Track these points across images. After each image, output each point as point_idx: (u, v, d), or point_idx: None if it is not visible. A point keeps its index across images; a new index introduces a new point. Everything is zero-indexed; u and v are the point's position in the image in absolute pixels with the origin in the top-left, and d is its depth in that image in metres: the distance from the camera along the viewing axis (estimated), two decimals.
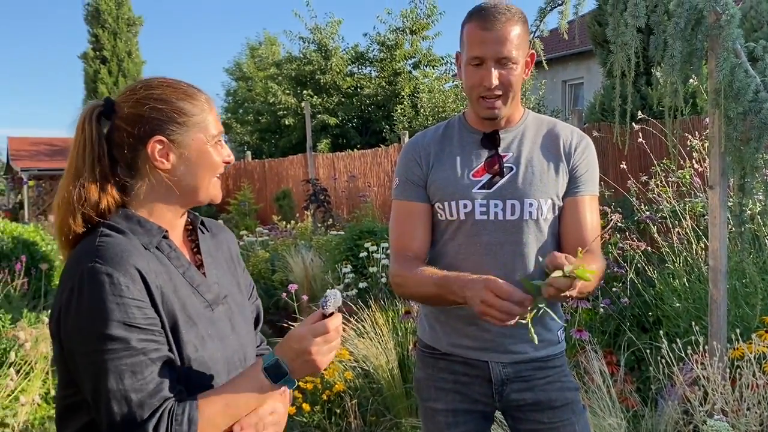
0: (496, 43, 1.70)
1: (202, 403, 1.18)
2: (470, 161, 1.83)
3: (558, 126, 1.88)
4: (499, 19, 1.70)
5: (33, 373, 3.97)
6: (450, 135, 1.89)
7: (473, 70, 1.74)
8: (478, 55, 1.72)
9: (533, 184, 1.78)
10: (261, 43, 24.61)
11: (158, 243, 1.28)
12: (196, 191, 1.33)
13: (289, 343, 1.22)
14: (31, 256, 6.62)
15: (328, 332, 1.21)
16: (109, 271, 1.15)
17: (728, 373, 2.61)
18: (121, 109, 1.29)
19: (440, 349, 1.87)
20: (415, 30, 16.88)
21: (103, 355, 1.13)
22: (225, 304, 1.36)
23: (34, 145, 22.98)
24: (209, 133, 1.32)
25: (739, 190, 2.82)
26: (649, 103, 6.80)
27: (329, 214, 9.64)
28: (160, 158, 1.28)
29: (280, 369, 1.21)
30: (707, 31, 2.73)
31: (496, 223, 1.77)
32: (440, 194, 1.82)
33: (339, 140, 16.90)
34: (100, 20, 19.93)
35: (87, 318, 1.13)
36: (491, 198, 1.78)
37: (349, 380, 3.80)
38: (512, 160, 1.81)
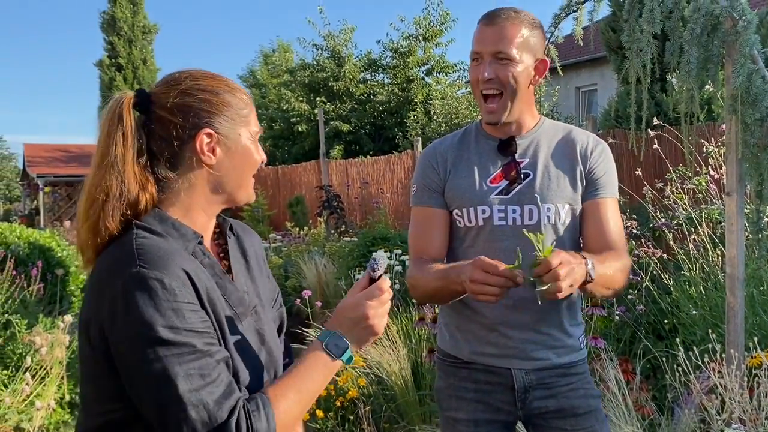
0: (494, 38, 1.73)
1: (273, 395, 1.13)
2: (487, 168, 1.83)
3: (574, 131, 1.89)
4: (500, 17, 1.74)
5: (48, 378, 4.00)
6: (467, 142, 1.90)
7: (474, 67, 1.78)
8: (476, 50, 1.76)
9: (550, 188, 1.79)
10: (274, 51, 24.76)
11: (194, 249, 1.20)
12: (237, 189, 1.26)
13: (344, 314, 1.20)
14: (47, 262, 6.66)
15: (382, 293, 1.20)
16: (159, 276, 1.08)
17: (746, 382, 2.59)
18: (162, 100, 1.20)
19: (462, 357, 1.85)
20: (428, 37, 16.92)
21: (168, 361, 1.06)
22: (254, 315, 1.29)
23: (49, 152, 23.21)
24: (253, 129, 1.27)
25: (756, 196, 2.79)
26: (664, 109, 6.78)
27: (342, 221, 9.66)
28: (207, 153, 1.20)
29: (340, 342, 1.18)
30: (724, 37, 2.72)
31: (515, 228, 1.77)
32: (458, 201, 1.83)
33: (352, 147, 16.94)
34: (115, 28, 20.13)
35: (144, 327, 1.05)
36: (509, 204, 1.79)
37: (363, 387, 3.79)
38: (529, 165, 1.82)
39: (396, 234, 6.76)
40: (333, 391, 3.74)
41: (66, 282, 6.84)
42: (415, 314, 4.20)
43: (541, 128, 1.87)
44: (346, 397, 3.70)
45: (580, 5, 3.02)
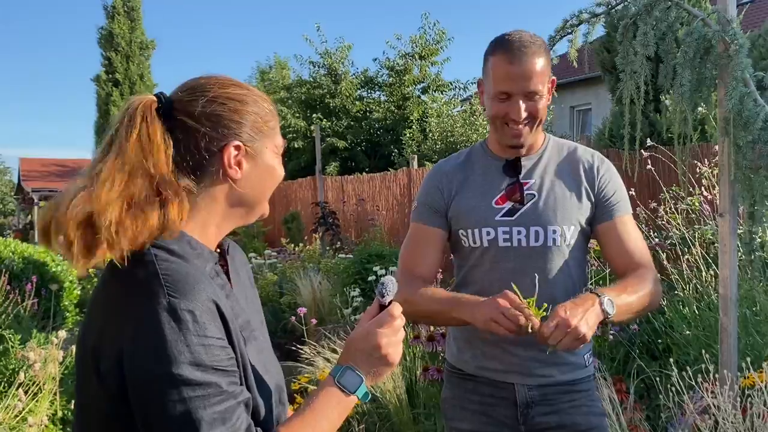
0: (524, 78, 1.70)
1: None
2: (492, 189, 1.84)
3: (578, 150, 1.90)
4: (525, 53, 1.70)
5: (41, 394, 3.97)
6: (472, 162, 1.91)
7: (500, 104, 1.75)
8: (505, 90, 1.73)
9: (556, 210, 1.80)
10: (271, 67, 24.83)
11: (211, 270, 1.12)
12: (256, 205, 1.19)
13: (355, 345, 1.13)
14: (41, 277, 6.64)
15: (394, 320, 1.13)
16: (191, 308, 0.99)
17: (739, 402, 2.59)
18: (187, 107, 1.11)
19: (467, 370, 1.88)
20: (424, 55, 17.04)
21: (192, 404, 0.97)
22: (258, 338, 1.22)
23: (45, 166, 23.20)
24: (278, 142, 1.19)
25: (749, 217, 2.82)
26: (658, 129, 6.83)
27: (338, 237, 9.66)
28: (234, 166, 1.12)
29: (353, 377, 1.11)
30: (716, 60, 2.75)
31: (520, 249, 1.79)
32: (463, 221, 1.85)
33: (348, 163, 16.99)
34: (113, 44, 20.19)
35: (172, 364, 0.97)
36: (514, 225, 1.80)
37: (357, 405, 3.78)
38: (534, 187, 1.83)
39: (391, 251, 6.77)
40: None
41: (60, 297, 6.82)
42: (410, 332, 4.20)
43: (546, 148, 1.88)
44: None
45: (575, 28, 3.06)
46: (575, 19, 3.07)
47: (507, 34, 1.76)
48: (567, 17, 3.07)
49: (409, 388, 3.87)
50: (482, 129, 12.73)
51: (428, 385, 3.62)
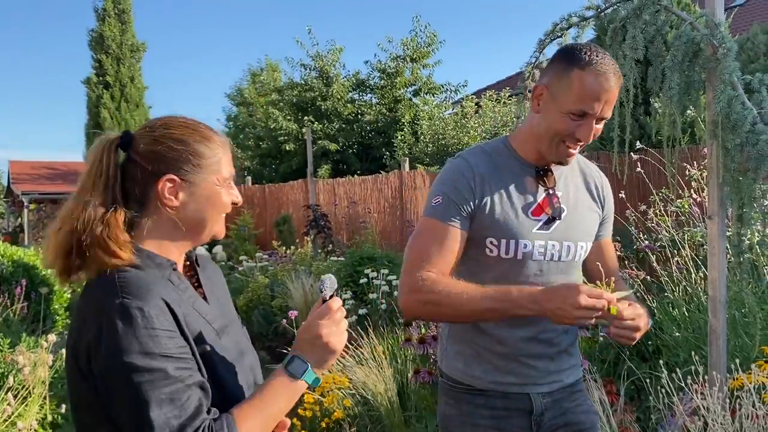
0: (608, 103, 1.66)
1: (237, 416, 1.21)
2: (527, 197, 1.77)
3: (585, 163, 1.92)
4: (614, 78, 1.64)
5: (31, 398, 3.95)
6: (500, 165, 1.79)
7: (570, 120, 1.66)
8: (587, 111, 1.65)
9: (581, 227, 1.82)
10: (262, 69, 24.82)
11: (169, 276, 1.30)
12: (201, 229, 1.35)
13: (300, 336, 1.28)
14: (31, 280, 6.61)
15: (332, 311, 1.28)
16: (140, 305, 1.18)
17: (728, 404, 2.61)
18: (138, 144, 1.31)
19: (478, 386, 1.81)
20: (415, 58, 17.07)
21: (143, 387, 1.15)
22: (230, 333, 1.40)
23: (35, 169, 23.07)
24: (221, 176, 1.35)
25: (737, 220, 2.84)
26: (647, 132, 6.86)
27: (329, 240, 9.66)
28: (169, 195, 1.30)
29: (299, 364, 1.26)
30: (704, 64, 2.77)
31: (551, 264, 1.78)
32: (497, 231, 1.74)
33: (339, 166, 16.99)
34: (103, 46, 20.11)
35: (123, 354, 1.15)
36: (549, 239, 1.77)
37: (348, 408, 3.78)
38: (564, 199, 1.81)
39: (383, 253, 6.78)
40: (318, 412, 3.73)
41: (50, 301, 6.79)
42: (401, 335, 4.20)
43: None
44: (332, 418, 3.69)
45: (564, 31, 3.08)
46: (565, 22, 3.08)
47: (593, 50, 1.66)
48: (557, 20, 3.08)
49: (400, 391, 3.87)
50: (473, 132, 12.75)
51: (419, 388, 3.62)
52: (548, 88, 1.70)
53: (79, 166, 4.14)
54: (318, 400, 3.75)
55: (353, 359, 4.09)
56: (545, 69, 1.77)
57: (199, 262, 1.49)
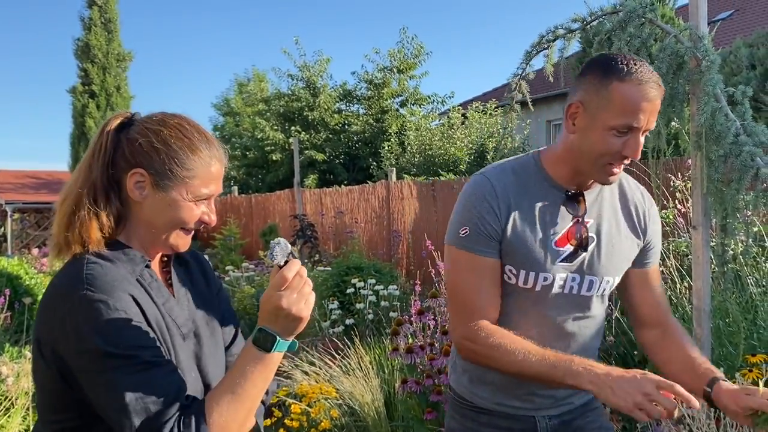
0: (652, 113, 1.52)
1: (209, 401, 1.19)
2: (553, 224, 1.64)
3: (629, 186, 1.76)
4: (656, 88, 1.52)
5: (14, 409, 3.91)
6: (526, 184, 1.66)
7: (616, 137, 1.52)
8: (633, 124, 1.50)
9: (612, 259, 1.67)
10: (249, 80, 24.83)
11: (141, 272, 1.29)
12: (156, 235, 1.31)
13: (262, 308, 1.21)
14: (14, 290, 6.55)
15: (287, 280, 1.19)
16: (103, 298, 1.17)
17: (713, 412, 2.63)
18: (130, 130, 1.30)
19: (483, 405, 1.75)
20: (402, 69, 17.14)
21: (117, 373, 1.15)
22: (194, 338, 1.36)
23: (19, 178, 22.87)
24: (196, 192, 1.30)
25: (721, 230, 2.87)
26: None
27: (316, 250, 9.65)
28: (133, 188, 1.28)
29: (267, 334, 1.19)
30: (688, 76, 2.81)
31: (569, 296, 1.66)
32: (517, 260, 1.63)
33: (326, 176, 16.99)
34: (89, 55, 20.00)
35: (91, 343, 1.15)
36: (570, 272, 1.64)
37: (335, 418, 3.77)
38: (594, 228, 1.66)
39: (369, 263, 6.78)
40: (305, 423, 3.71)
41: (33, 311, 6.71)
42: (389, 344, 4.20)
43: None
44: (319, 429, 3.67)
45: (550, 43, 3.11)
46: (551, 34, 3.12)
47: (631, 60, 1.54)
48: (543, 33, 3.12)
49: (387, 401, 3.86)
50: (459, 142, 12.81)
51: (407, 398, 3.62)
52: (584, 105, 1.56)
53: (63, 175, 4.11)
54: (305, 411, 3.74)
55: (340, 369, 4.09)
56: (575, 85, 1.61)
57: (181, 260, 1.45)
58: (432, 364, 3.36)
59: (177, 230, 1.31)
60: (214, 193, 1.33)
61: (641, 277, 1.74)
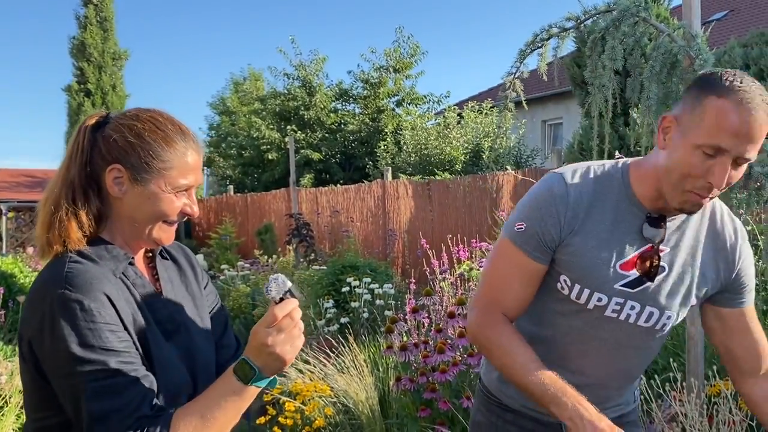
0: (749, 141, 1.36)
1: (176, 419, 1.17)
2: (623, 245, 1.53)
3: (722, 217, 1.61)
4: (762, 111, 1.36)
5: (7, 407, 3.90)
6: (605, 196, 1.55)
7: (701, 158, 1.39)
8: (722, 146, 1.36)
9: (680, 293, 1.56)
10: (245, 79, 24.78)
11: (124, 269, 1.29)
12: (139, 229, 1.31)
13: (250, 340, 1.19)
14: (8, 288, 6.54)
15: (277, 319, 1.16)
16: (79, 298, 1.17)
17: (705, 410, 2.64)
18: (107, 128, 1.31)
19: (510, 405, 1.71)
20: (398, 68, 17.15)
21: (81, 378, 1.15)
22: (185, 332, 1.36)
23: (13, 177, 22.82)
24: (174, 183, 1.30)
25: None
26: (626, 142, 6.95)
27: (312, 249, 9.64)
28: (112, 185, 1.29)
29: (248, 368, 1.18)
30: (682, 75, 2.82)
31: (624, 324, 1.56)
32: (576, 274, 1.55)
33: (322, 175, 16.99)
34: (85, 54, 19.97)
35: (62, 344, 1.15)
36: (630, 299, 1.54)
37: (330, 416, 3.77)
38: (667, 258, 1.54)
39: (365, 262, 6.78)
40: (300, 421, 3.71)
41: None
42: (383, 343, 4.20)
43: None
44: (313, 427, 3.67)
45: (544, 42, 3.12)
46: (545, 33, 3.12)
47: (738, 77, 1.40)
48: (537, 31, 3.12)
49: (381, 399, 3.86)
50: (455, 142, 12.82)
51: (401, 395, 3.62)
52: (678, 120, 1.44)
53: None
54: (299, 409, 3.74)
55: (335, 367, 4.09)
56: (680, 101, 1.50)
57: (167, 254, 1.46)
58: (426, 362, 3.37)
59: (159, 223, 1.32)
60: (193, 183, 1.33)
61: (740, 318, 1.61)
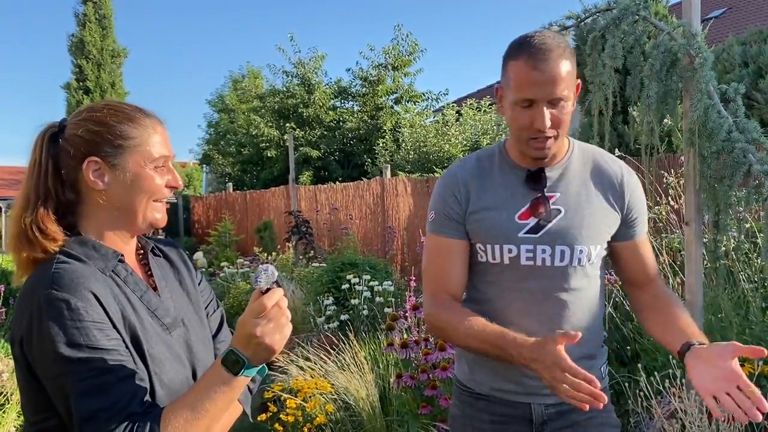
0: (549, 83, 1.57)
1: (166, 413, 1.16)
2: (515, 201, 1.71)
3: (605, 160, 1.78)
4: (550, 58, 1.56)
5: (9, 404, 3.91)
6: (490, 169, 1.77)
7: (522, 111, 1.61)
8: (529, 97, 1.59)
9: (583, 228, 1.69)
10: (244, 76, 24.74)
11: (114, 267, 1.29)
12: (132, 214, 1.32)
13: (237, 331, 1.19)
14: (8, 285, 6.54)
15: (265, 309, 1.16)
16: (66, 297, 1.17)
17: (705, 406, 2.65)
18: (66, 131, 1.31)
19: (480, 391, 1.79)
20: (397, 66, 17.13)
21: (69, 377, 1.15)
22: (182, 327, 1.37)
23: (12, 174, 22.79)
24: (150, 157, 1.31)
25: (713, 226, 2.89)
26: (625, 140, 6.96)
27: (311, 246, 9.65)
28: (94, 179, 1.29)
29: (236, 358, 1.17)
30: (682, 73, 2.83)
31: (543, 269, 1.69)
32: (483, 236, 1.72)
33: (321, 173, 16.99)
34: (84, 51, 19.93)
35: (50, 344, 1.15)
36: (538, 243, 1.68)
37: (330, 413, 3.79)
38: (560, 200, 1.71)
39: (364, 259, 6.79)
40: (300, 418, 3.73)
41: None
42: (384, 340, 4.21)
43: (572, 156, 1.75)
44: (314, 423, 3.69)
45: None
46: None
47: (528, 36, 1.62)
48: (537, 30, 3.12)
49: (382, 396, 3.88)
50: (454, 139, 12.82)
51: (401, 392, 3.63)
52: (501, 89, 1.70)
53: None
54: (300, 406, 3.75)
55: (335, 365, 4.10)
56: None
57: (159, 251, 1.47)
58: (427, 359, 3.38)
59: (150, 203, 1.33)
60: (167, 155, 1.35)
61: (630, 249, 1.78)
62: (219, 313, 1.53)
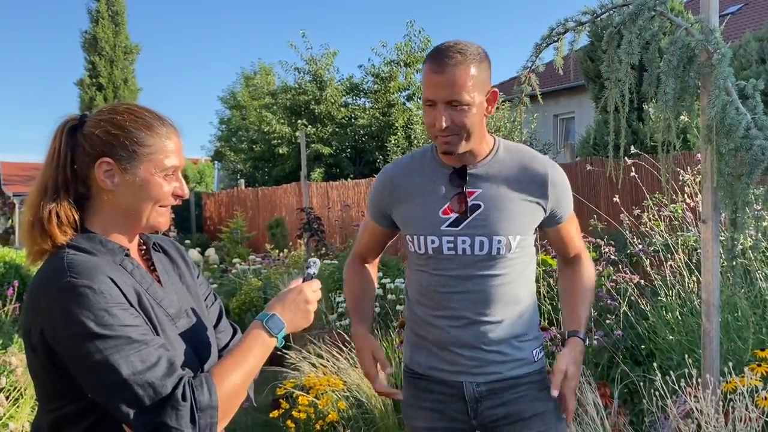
0: (446, 86, 1.73)
1: (216, 374, 1.27)
2: (439, 197, 1.88)
3: (529, 159, 1.92)
4: (449, 63, 1.72)
5: (23, 399, 3.93)
6: (420, 167, 1.96)
7: (427, 111, 1.80)
8: (429, 97, 1.77)
9: (501, 221, 1.84)
10: (256, 73, 24.80)
11: (121, 261, 1.34)
12: (136, 217, 1.38)
13: (287, 296, 1.41)
14: (22, 281, 6.59)
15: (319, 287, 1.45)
16: (87, 283, 1.21)
17: (721, 406, 2.62)
18: (86, 127, 1.36)
19: (420, 371, 1.96)
20: (409, 63, 17.09)
21: (108, 352, 1.19)
22: (186, 317, 1.43)
23: (26, 170, 22.95)
24: (162, 166, 1.37)
25: (731, 224, 2.85)
26: (641, 137, 6.91)
27: (323, 243, 9.64)
28: (104, 179, 1.34)
29: (279, 322, 1.37)
30: (699, 69, 2.79)
31: (464, 258, 1.85)
32: (410, 228, 1.93)
33: (333, 169, 16.99)
34: (97, 48, 20.05)
35: (81, 328, 1.19)
36: (459, 235, 1.85)
37: (343, 410, 3.78)
38: (480, 196, 1.86)
39: None
40: (313, 415, 3.73)
41: None
42: (396, 337, 4.21)
43: (495, 156, 1.90)
44: (326, 421, 3.69)
45: (560, 36, 3.10)
46: (561, 27, 3.10)
47: (441, 44, 1.78)
48: (553, 25, 3.10)
49: None
50: None
51: None
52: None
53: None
54: (312, 403, 3.75)
55: (347, 362, 4.10)
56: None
57: (159, 247, 1.54)
58: None
59: (156, 208, 1.38)
60: (178, 164, 1.40)
61: (556, 232, 2.01)
62: (217, 305, 1.61)
